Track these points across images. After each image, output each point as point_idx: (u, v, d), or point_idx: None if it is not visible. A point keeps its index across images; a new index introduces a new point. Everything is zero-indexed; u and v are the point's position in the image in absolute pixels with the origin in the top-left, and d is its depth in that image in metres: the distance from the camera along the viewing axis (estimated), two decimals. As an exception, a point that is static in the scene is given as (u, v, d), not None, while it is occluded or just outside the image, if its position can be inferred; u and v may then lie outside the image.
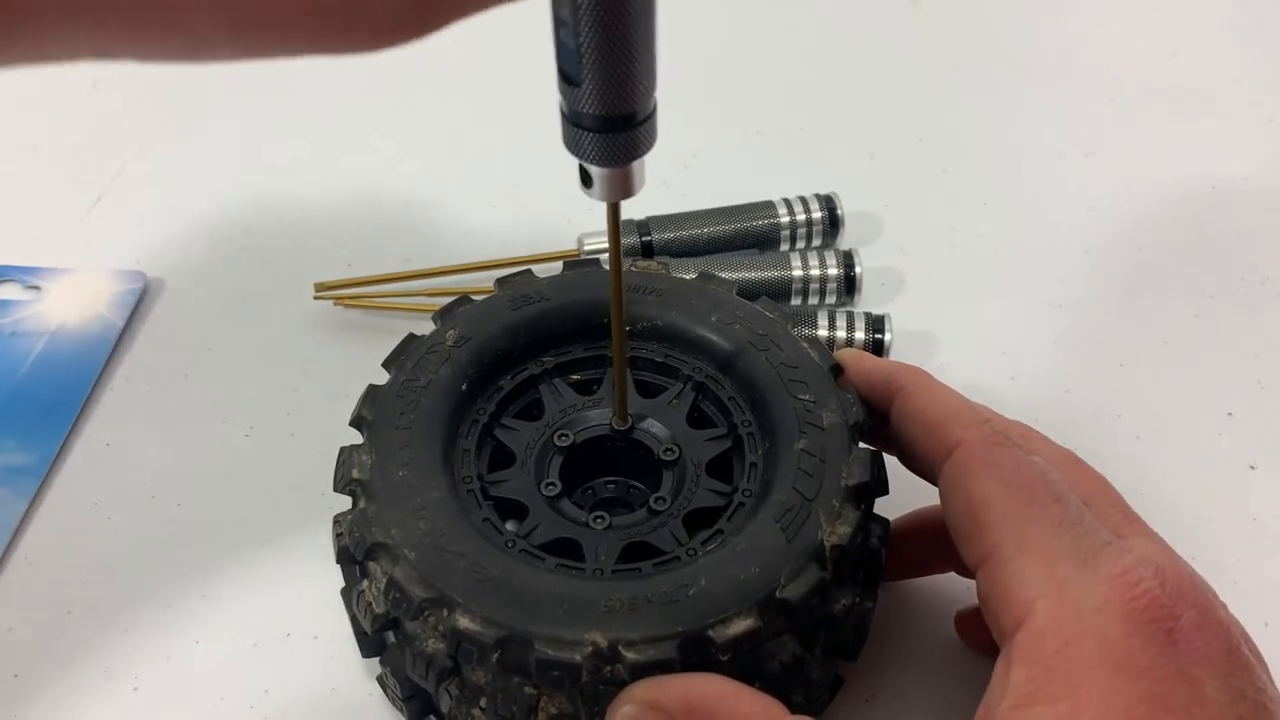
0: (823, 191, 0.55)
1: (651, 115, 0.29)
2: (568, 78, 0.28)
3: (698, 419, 0.40)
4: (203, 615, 0.42)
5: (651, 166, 0.31)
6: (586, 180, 0.30)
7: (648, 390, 0.41)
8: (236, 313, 0.53)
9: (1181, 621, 0.29)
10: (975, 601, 0.36)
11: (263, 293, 0.54)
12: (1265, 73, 0.66)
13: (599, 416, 0.40)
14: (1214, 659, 0.28)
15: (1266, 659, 0.30)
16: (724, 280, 0.42)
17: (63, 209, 0.59)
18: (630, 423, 0.40)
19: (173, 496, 0.46)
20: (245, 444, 0.48)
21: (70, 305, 0.53)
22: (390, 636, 0.36)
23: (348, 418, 0.38)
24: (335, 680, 0.40)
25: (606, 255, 0.52)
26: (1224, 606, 0.30)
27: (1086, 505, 0.32)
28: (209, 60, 0.23)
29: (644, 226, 0.53)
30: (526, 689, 0.33)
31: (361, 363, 0.43)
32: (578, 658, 0.31)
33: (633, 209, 0.53)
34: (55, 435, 0.47)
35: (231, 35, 0.22)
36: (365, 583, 0.35)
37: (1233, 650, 0.29)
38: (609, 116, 0.28)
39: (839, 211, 0.54)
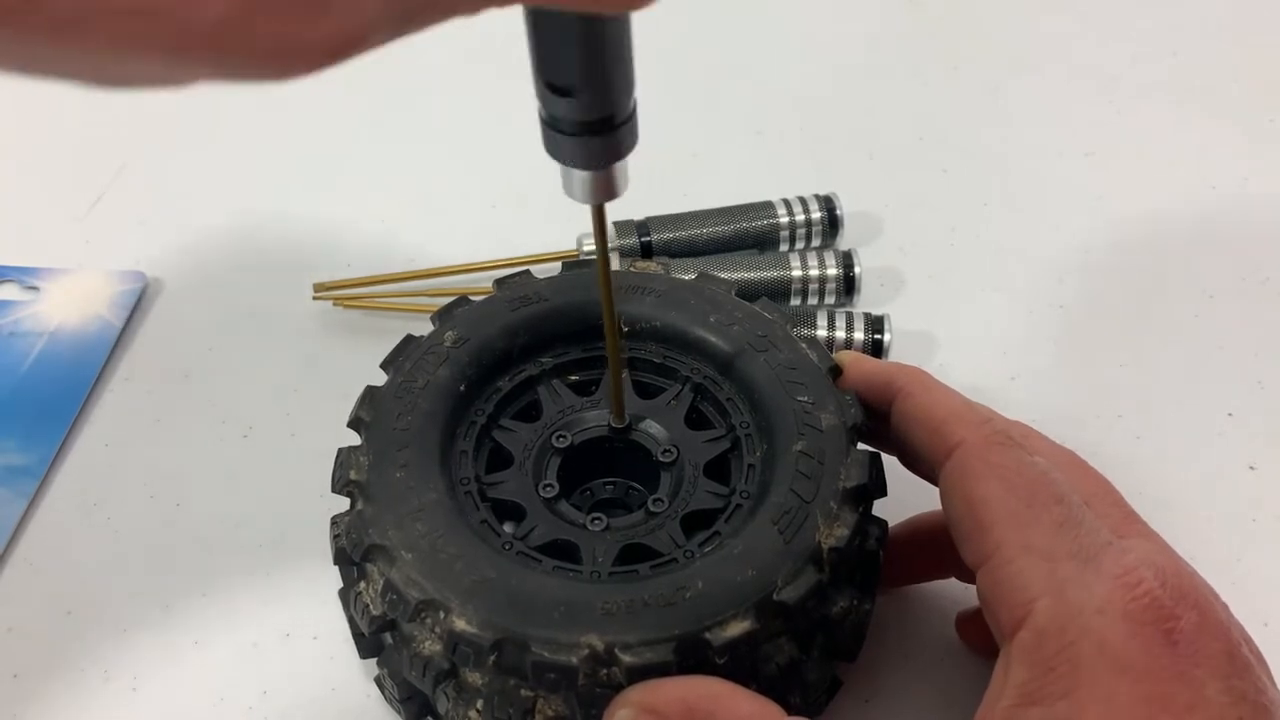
0: (822, 191, 0.55)
1: (631, 116, 0.29)
2: (550, 87, 0.27)
3: (696, 420, 0.40)
4: (202, 615, 0.42)
5: (651, 166, 0.31)
6: (570, 184, 0.30)
7: (646, 391, 0.41)
8: (236, 313, 0.53)
9: (1182, 622, 0.29)
10: (975, 602, 0.36)
11: (262, 293, 0.54)
12: (1265, 73, 0.66)
13: (597, 418, 0.40)
14: (1214, 660, 0.28)
15: (1267, 659, 0.30)
16: (723, 281, 0.42)
17: (62, 209, 0.59)
18: (628, 423, 0.40)
19: (172, 496, 0.46)
20: (244, 444, 0.48)
21: (69, 305, 0.53)
22: (388, 638, 0.36)
23: (347, 418, 0.38)
24: (334, 681, 0.40)
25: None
26: (1225, 607, 0.30)
27: (1087, 505, 0.32)
28: (83, 77, 0.21)
29: (643, 227, 0.53)
30: (523, 691, 0.33)
31: (361, 363, 0.43)
32: (574, 660, 0.31)
33: (632, 209, 0.54)
34: (54, 435, 0.47)
35: (110, 41, 0.20)
36: (363, 584, 0.35)
37: (1233, 651, 0.29)
38: (588, 121, 0.28)
39: (838, 212, 0.54)
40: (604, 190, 0.30)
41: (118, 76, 0.21)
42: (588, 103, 0.27)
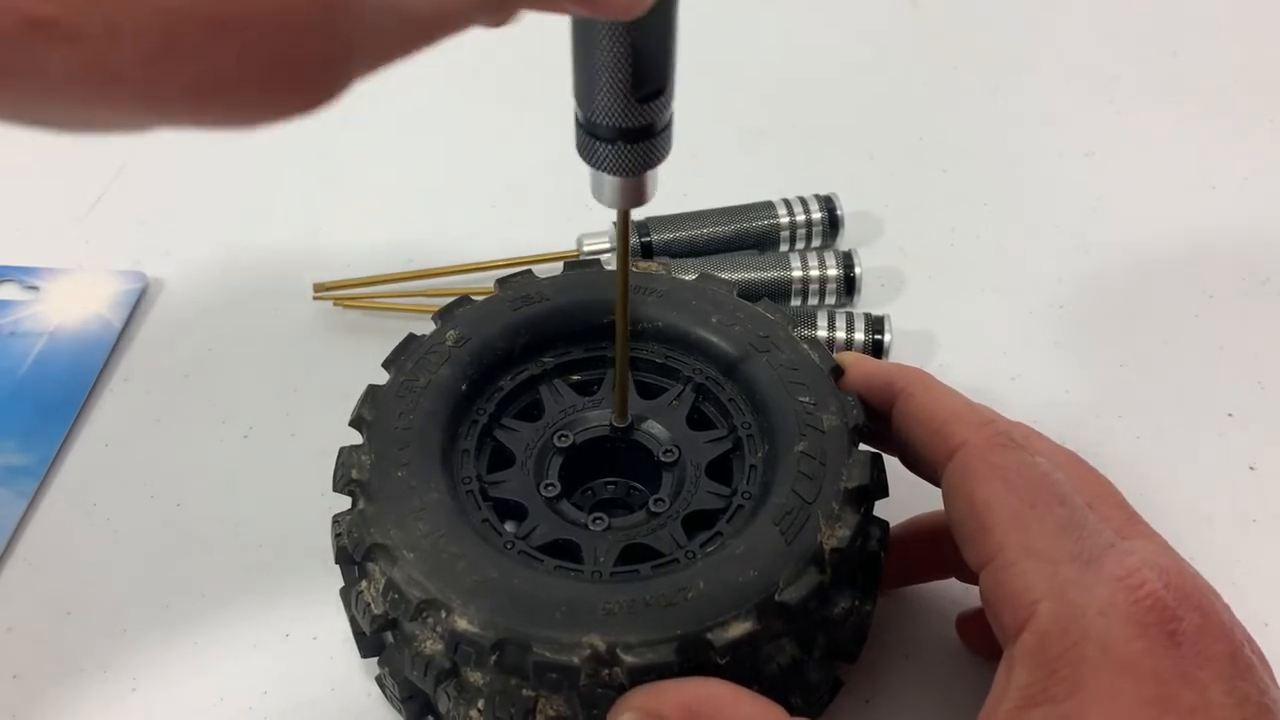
0: (823, 192, 0.55)
1: (669, 124, 0.29)
2: (581, 87, 0.27)
3: (698, 420, 0.40)
4: (202, 615, 0.42)
5: (652, 167, 0.31)
6: (600, 188, 0.30)
7: (648, 391, 0.41)
8: (236, 313, 0.53)
9: (1185, 624, 0.29)
10: (975, 603, 0.36)
11: (263, 293, 0.54)
12: (1265, 73, 0.66)
13: (599, 417, 0.40)
14: (1217, 661, 0.28)
15: (1267, 660, 0.30)
16: (724, 281, 0.42)
17: (63, 209, 0.59)
18: (630, 423, 0.40)
19: (172, 496, 0.46)
20: (245, 444, 0.48)
21: (69, 305, 0.53)
22: (389, 637, 0.36)
23: (347, 418, 0.38)
24: (334, 680, 0.40)
25: (605, 256, 0.52)
26: (1227, 609, 0.30)
27: (1090, 507, 0.32)
28: (59, 126, 0.21)
29: (644, 227, 0.53)
30: (525, 691, 0.33)
31: (361, 363, 0.43)
32: (576, 660, 0.31)
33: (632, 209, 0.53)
34: (54, 435, 0.47)
35: (85, 95, 0.20)
36: (364, 583, 0.35)
37: (1236, 652, 0.29)
38: (628, 127, 0.28)
39: (839, 212, 0.54)
40: (633, 196, 0.30)
41: (82, 124, 0.22)
42: (626, 108, 0.27)
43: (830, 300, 0.52)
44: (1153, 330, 0.52)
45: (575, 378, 0.42)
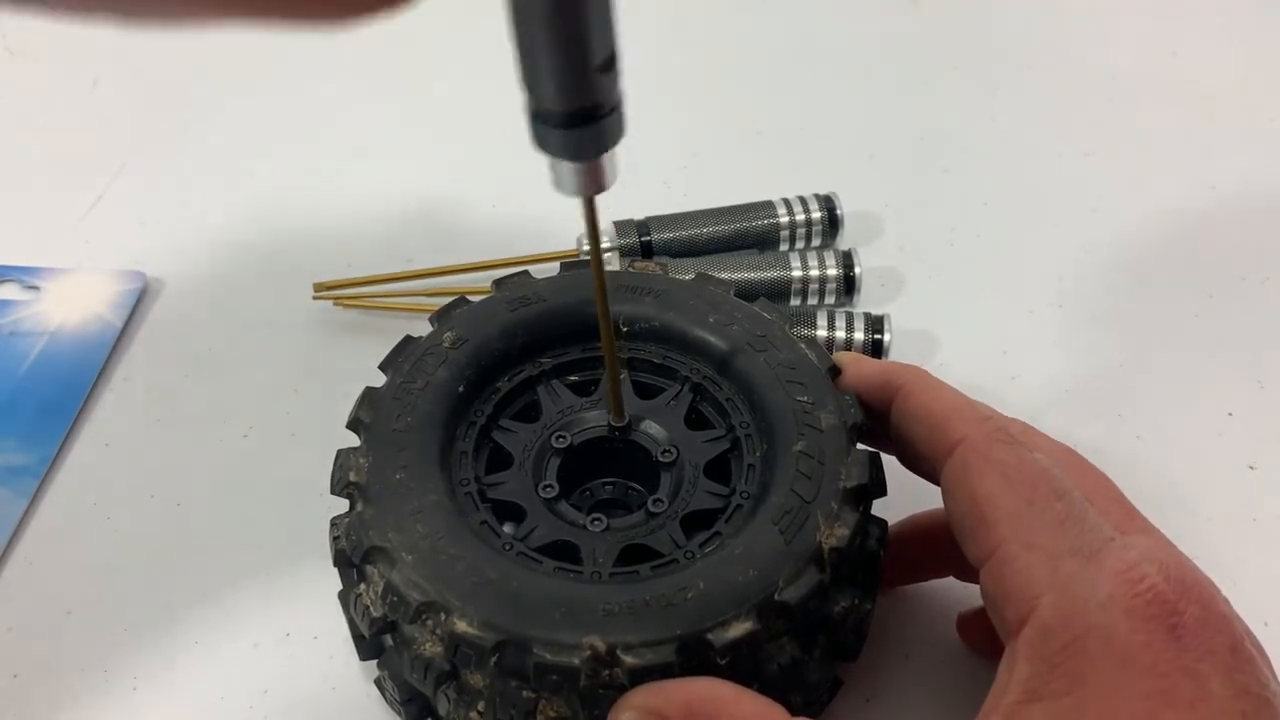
0: (822, 191, 0.55)
1: (618, 107, 0.29)
2: (526, 73, 0.27)
3: (696, 420, 0.40)
4: (202, 615, 0.42)
5: (651, 166, 0.31)
6: (559, 177, 0.30)
7: (646, 391, 0.41)
8: (236, 313, 0.53)
9: (1185, 616, 0.29)
10: (975, 602, 0.36)
11: (263, 293, 0.54)
12: (1265, 73, 0.66)
13: (597, 418, 0.40)
14: (1218, 654, 0.28)
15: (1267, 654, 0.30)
16: (721, 281, 0.42)
17: (63, 209, 0.59)
18: (628, 422, 0.40)
19: (172, 496, 0.46)
20: (244, 444, 0.48)
21: (70, 305, 0.53)
22: (388, 640, 0.36)
23: (346, 418, 0.38)
24: (334, 681, 0.40)
25: (606, 255, 0.52)
26: (1227, 602, 0.30)
27: (1088, 501, 0.32)
28: (112, 17, 0.20)
29: (643, 226, 0.53)
30: (525, 693, 0.33)
31: (361, 363, 0.43)
32: (576, 661, 0.31)
33: (632, 209, 0.53)
34: (55, 435, 0.47)
35: None
36: (363, 586, 0.35)
37: (1237, 645, 0.29)
38: (572, 111, 0.28)
39: (839, 211, 0.54)
40: (593, 182, 0.30)
41: (146, 9, 0.20)
42: (571, 88, 0.27)
43: (830, 300, 0.52)
44: (1153, 330, 0.52)
45: (573, 378, 0.42)
